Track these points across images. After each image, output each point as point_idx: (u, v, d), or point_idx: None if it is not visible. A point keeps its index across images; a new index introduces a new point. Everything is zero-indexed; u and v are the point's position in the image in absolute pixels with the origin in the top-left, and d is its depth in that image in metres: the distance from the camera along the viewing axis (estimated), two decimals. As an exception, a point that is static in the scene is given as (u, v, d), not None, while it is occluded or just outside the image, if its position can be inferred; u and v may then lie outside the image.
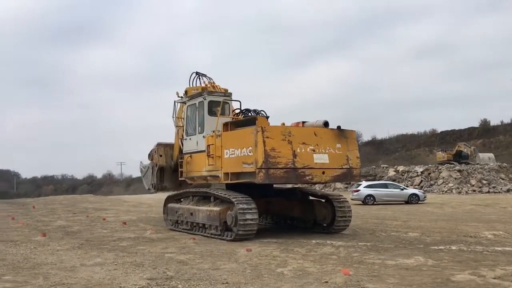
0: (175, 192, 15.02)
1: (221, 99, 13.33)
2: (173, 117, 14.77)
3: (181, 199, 14.39)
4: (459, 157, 53.79)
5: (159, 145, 15.46)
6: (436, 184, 42.32)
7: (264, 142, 10.84)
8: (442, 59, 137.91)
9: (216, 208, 11.89)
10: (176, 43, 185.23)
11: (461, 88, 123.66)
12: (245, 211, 11.06)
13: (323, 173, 11.49)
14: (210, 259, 8.80)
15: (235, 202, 11.15)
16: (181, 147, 14.30)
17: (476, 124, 78.15)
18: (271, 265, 8.08)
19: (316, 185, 28.75)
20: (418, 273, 7.15)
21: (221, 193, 11.90)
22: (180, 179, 14.31)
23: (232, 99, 13.73)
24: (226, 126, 12.32)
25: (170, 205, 14.46)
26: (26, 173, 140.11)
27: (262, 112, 13.65)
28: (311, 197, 13.51)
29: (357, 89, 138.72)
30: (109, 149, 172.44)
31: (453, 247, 9.71)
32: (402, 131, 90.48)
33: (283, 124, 11.88)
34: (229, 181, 12.00)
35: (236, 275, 7.26)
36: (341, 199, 12.75)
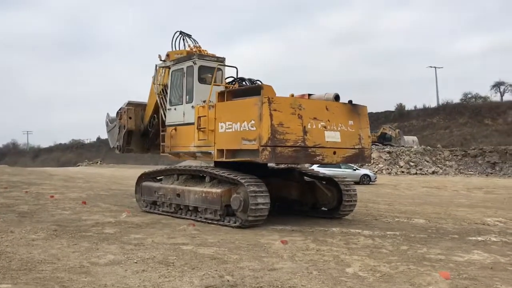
0: (152, 169, 13.10)
1: (214, 64, 11.58)
2: (154, 83, 12.79)
3: (159, 177, 12.53)
4: (383, 139, 55.66)
5: (130, 104, 13.75)
6: (367, 164, 43.37)
7: (271, 115, 9.40)
8: (360, 46, 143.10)
9: (216, 190, 10.26)
10: (95, 11, 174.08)
11: (378, 73, 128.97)
12: (256, 194, 9.59)
13: (334, 153, 10.33)
14: (246, 254, 7.30)
15: (245, 184, 9.63)
16: (163, 118, 12.37)
17: (392, 108, 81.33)
18: (330, 263, 6.79)
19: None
20: (515, 275, 6.28)
21: (223, 173, 10.27)
22: (161, 154, 12.43)
23: (227, 65, 12.04)
24: (221, 95, 10.69)
25: (146, 183, 12.49)
26: None
27: (257, 81, 12.10)
28: (312, 179, 12.29)
29: (278, 70, 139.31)
30: (14, 117, 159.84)
31: (493, 239, 9.07)
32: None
33: (292, 95, 10.49)
34: (224, 159, 10.47)
35: (308, 279, 5.87)
36: (347, 182, 11.72)
